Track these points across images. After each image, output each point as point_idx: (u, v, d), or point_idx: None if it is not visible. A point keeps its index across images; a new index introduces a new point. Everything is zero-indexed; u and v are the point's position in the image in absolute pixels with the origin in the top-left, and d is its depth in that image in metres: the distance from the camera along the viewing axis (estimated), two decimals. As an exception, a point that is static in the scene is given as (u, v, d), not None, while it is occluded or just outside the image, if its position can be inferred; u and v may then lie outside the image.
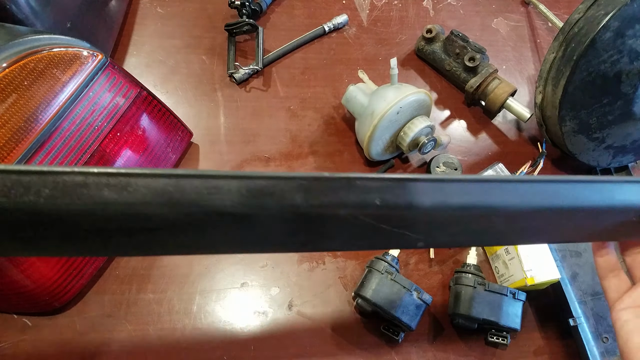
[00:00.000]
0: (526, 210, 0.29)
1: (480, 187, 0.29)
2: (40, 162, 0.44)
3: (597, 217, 0.32)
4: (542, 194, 0.30)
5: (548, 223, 0.31)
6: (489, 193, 0.29)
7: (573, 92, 0.54)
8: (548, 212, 0.30)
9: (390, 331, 0.53)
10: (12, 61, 0.40)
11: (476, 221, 0.29)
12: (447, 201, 0.28)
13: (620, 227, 0.32)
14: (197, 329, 0.53)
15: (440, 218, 0.28)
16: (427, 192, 0.27)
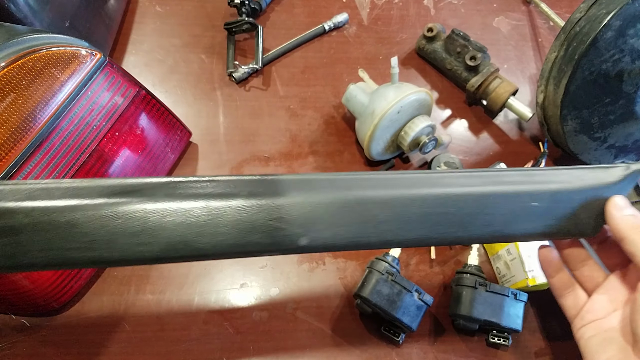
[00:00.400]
0: (401, 200, 0.30)
1: (347, 179, 0.30)
2: (39, 162, 0.43)
3: (487, 208, 0.31)
4: (419, 184, 0.30)
5: (430, 216, 0.31)
6: (359, 185, 0.30)
7: (575, 91, 0.54)
8: (429, 203, 0.31)
9: (391, 332, 0.52)
10: (10, 60, 0.40)
11: (351, 212, 0.30)
12: (315, 195, 0.29)
13: (523, 214, 0.32)
14: (196, 330, 0.53)
15: (313, 212, 0.29)
16: (294, 186, 0.29)
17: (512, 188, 0.32)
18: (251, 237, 0.29)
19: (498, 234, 0.32)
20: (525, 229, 0.33)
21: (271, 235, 0.29)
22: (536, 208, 0.32)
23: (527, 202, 0.32)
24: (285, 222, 0.29)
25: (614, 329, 0.33)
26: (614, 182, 0.33)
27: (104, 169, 0.50)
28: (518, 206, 0.32)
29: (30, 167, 0.43)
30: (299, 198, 0.29)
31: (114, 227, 0.28)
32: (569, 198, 0.33)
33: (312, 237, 0.30)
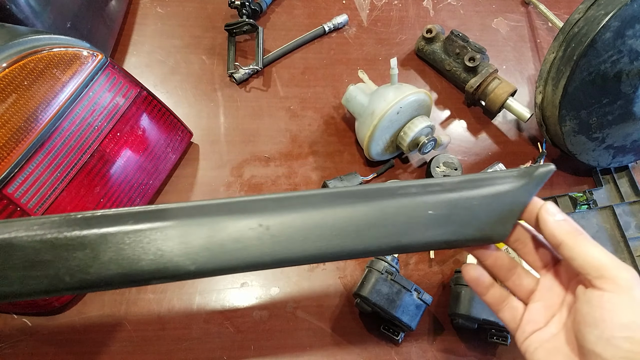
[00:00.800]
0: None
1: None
2: (41, 162, 0.44)
3: (382, 220, 0.32)
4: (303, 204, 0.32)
5: (312, 232, 0.32)
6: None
7: (573, 92, 0.54)
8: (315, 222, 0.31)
9: (390, 331, 0.53)
10: (12, 61, 0.40)
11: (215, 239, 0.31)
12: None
13: (421, 224, 0.32)
14: (197, 329, 0.53)
15: (194, 236, 0.30)
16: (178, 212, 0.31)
17: (407, 200, 0.32)
18: (133, 266, 0.30)
19: (395, 244, 0.32)
20: (425, 238, 0.32)
21: (156, 263, 0.30)
22: (434, 216, 0.32)
23: (423, 211, 0.32)
24: (169, 250, 0.30)
25: (556, 338, 0.32)
26: (517, 187, 0.33)
27: (105, 169, 0.50)
28: (414, 216, 0.32)
29: (32, 168, 0.43)
30: (181, 226, 0.30)
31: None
32: (468, 205, 0.33)
33: (198, 264, 0.30)
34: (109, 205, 0.52)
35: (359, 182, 0.61)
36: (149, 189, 0.57)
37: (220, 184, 0.62)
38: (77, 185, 0.48)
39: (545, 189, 0.65)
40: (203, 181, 0.62)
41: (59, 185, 0.46)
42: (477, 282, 0.36)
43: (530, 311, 0.34)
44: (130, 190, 0.54)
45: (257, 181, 0.62)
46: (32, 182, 0.43)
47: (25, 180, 0.43)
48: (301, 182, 0.63)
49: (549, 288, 0.34)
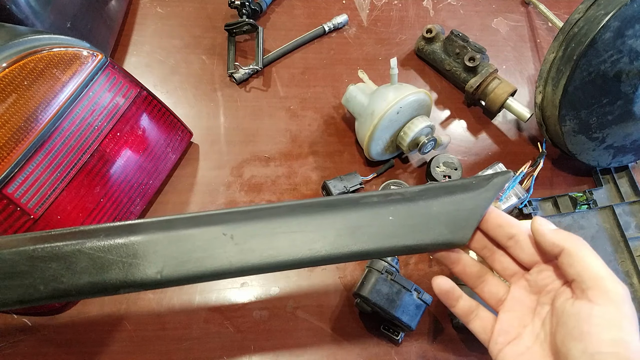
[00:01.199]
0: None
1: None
2: (41, 162, 0.44)
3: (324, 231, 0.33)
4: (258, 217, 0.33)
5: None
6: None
7: (573, 92, 0.54)
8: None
9: (390, 331, 0.53)
10: (12, 61, 0.40)
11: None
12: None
13: (388, 230, 0.33)
14: (197, 329, 0.53)
15: (165, 247, 0.32)
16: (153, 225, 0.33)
17: (370, 209, 0.34)
18: (104, 275, 0.31)
19: (361, 251, 0.33)
20: (388, 244, 0.34)
21: (126, 271, 0.32)
22: (395, 223, 0.34)
23: (385, 219, 0.34)
24: (141, 259, 0.32)
25: (531, 351, 0.31)
26: (473, 195, 0.34)
27: (105, 169, 0.50)
28: (377, 224, 0.33)
29: (32, 168, 0.43)
30: (154, 237, 0.32)
31: None
32: (427, 212, 0.34)
33: (165, 272, 0.32)
34: (109, 205, 0.52)
35: (359, 182, 0.61)
36: (149, 189, 0.57)
37: (220, 184, 0.62)
38: (77, 185, 0.48)
39: (546, 189, 0.65)
40: (203, 181, 0.62)
41: (59, 185, 0.46)
42: (446, 294, 0.36)
43: (501, 321, 0.34)
44: (130, 190, 0.54)
45: (257, 181, 0.62)
46: (32, 182, 0.43)
47: (25, 180, 0.43)
48: (301, 182, 0.63)
49: (519, 298, 0.34)
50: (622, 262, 0.58)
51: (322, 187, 0.61)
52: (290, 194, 0.62)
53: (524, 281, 0.34)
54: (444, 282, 0.36)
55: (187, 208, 0.60)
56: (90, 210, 0.50)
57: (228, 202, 0.61)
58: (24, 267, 0.31)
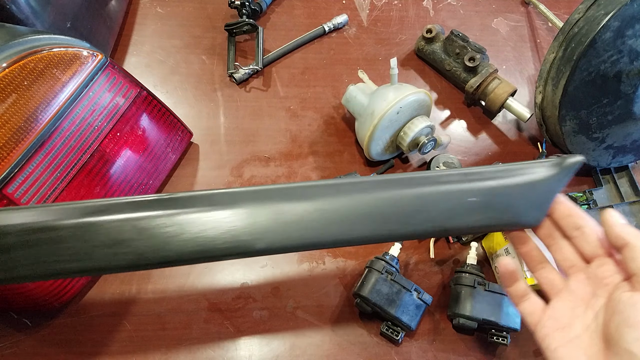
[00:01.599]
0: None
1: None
2: (41, 162, 0.44)
3: (426, 206, 0.35)
4: (362, 189, 0.35)
5: (372, 216, 0.34)
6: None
7: (573, 92, 0.54)
8: (370, 205, 0.34)
9: (390, 331, 0.53)
10: (12, 61, 0.40)
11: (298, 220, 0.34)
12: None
13: (463, 209, 0.35)
14: (197, 330, 0.53)
15: (264, 218, 0.33)
16: (244, 196, 0.34)
17: (449, 187, 0.35)
18: (212, 244, 0.33)
19: (440, 228, 0.35)
20: (467, 222, 0.35)
21: (229, 242, 0.33)
22: (474, 203, 0.35)
23: (464, 198, 0.35)
24: (241, 231, 0.33)
25: (579, 339, 0.33)
26: (550, 175, 0.35)
27: (105, 169, 0.50)
28: (456, 202, 0.35)
29: (32, 168, 0.43)
30: (250, 209, 0.33)
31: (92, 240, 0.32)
32: (506, 192, 0.35)
33: (267, 242, 0.33)
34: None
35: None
36: (149, 189, 0.57)
37: (220, 184, 0.62)
38: (77, 185, 0.48)
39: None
40: (203, 181, 0.62)
41: (59, 185, 0.46)
42: (507, 274, 0.38)
43: (553, 308, 0.35)
44: (130, 190, 0.54)
45: (257, 181, 0.62)
46: (32, 182, 0.43)
47: (25, 180, 0.43)
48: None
49: (576, 289, 0.35)
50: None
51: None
52: (290, 194, 0.62)
53: (582, 274, 0.35)
54: (510, 263, 0.38)
55: (187, 208, 0.60)
56: (90, 210, 0.50)
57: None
58: (130, 235, 0.32)
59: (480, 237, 0.61)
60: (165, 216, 0.33)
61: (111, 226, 0.32)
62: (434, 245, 0.59)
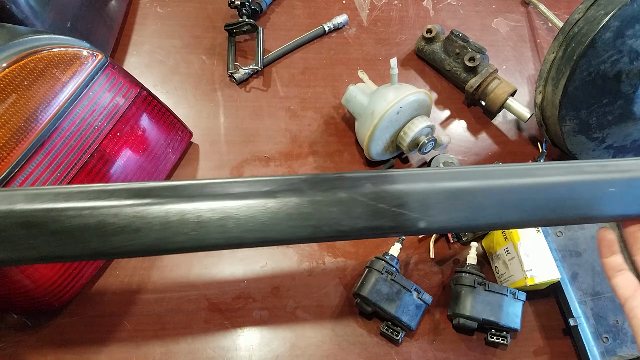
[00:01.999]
0: (504, 188, 0.35)
1: (455, 171, 0.36)
2: (41, 162, 0.44)
3: (572, 194, 0.36)
4: (517, 175, 0.36)
5: (526, 202, 0.36)
6: (467, 175, 0.36)
7: (573, 92, 0.54)
8: (526, 190, 0.36)
9: (390, 331, 0.53)
10: (12, 61, 0.40)
11: (460, 199, 0.35)
12: (431, 183, 0.35)
13: (604, 199, 0.36)
14: (197, 329, 0.53)
15: (429, 197, 0.34)
16: (408, 177, 0.35)
17: (591, 177, 0.36)
18: (378, 221, 0.34)
19: (583, 216, 0.36)
20: (607, 211, 0.36)
21: (395, 219, 0.34)
22: (613, 193, 0.36)
23: (605, 188, 0.36)
24: (407, 208, 0.34)
25: None
26: None
27: (106, 169, 0.50)
28: (598, 192, 0.36)
29: (32, 168, 0.43)
30: (416, 187, 0.35)
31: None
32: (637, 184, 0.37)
33: (429, 222, 0.34)
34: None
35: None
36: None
37: (220, 184, 0.62)
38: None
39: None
40: (203, 181, 0.62)
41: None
42: (606, 243, 0.40)
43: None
44: (130, 190, 0.54)
45: (257, 181, 0.62)
46: (33, 182, 0.43)
47: (25, 180, 0.43)
48: (301, 182, 0.63)
49: None
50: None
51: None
52: (290, 194, 0.62)
53: None
54: (611, 233, 0.40)
55: (187, 208, 0.60)
56: (90, 210, 0.50)
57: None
58: (308, 210, 0.33)
59: (480, 237, 0.61)
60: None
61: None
62: (434, 245, 0.59)
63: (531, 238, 0.54)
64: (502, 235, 0.56)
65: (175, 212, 0.32)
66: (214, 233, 0.32)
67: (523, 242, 0.54)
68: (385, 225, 0.34)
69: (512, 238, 0.54)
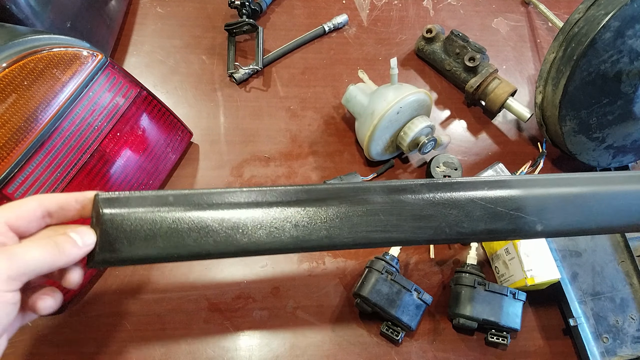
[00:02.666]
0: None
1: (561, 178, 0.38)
2: (41, 162, 0.44)
3: None
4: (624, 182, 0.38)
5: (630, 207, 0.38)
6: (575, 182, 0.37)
7: (573, 92, 0.54)
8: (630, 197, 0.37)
9: (390, 331, 0.53)
10: (12, 61, 0.40)
11: (574, 204, 0.37)
12: (546, 189, 0.37)
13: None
14: (197, 329, 0.53)
15: (545, 202, 0.36)
16: (522, 182, 0.36)
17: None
18: (497, 224, 0.36)
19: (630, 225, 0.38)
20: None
21: (514, 222, 0.35)
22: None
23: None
24: (524, 212, 0.36)
25: None
26: None
27: (106, 169, 0.50)
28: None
29: (32, 168, 0.43)
30: (532, 192, 0.36)
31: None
32: None
33: (545, 225, 0.36)
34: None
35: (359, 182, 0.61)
36: (149, 189, 0.57)
37: (220, 184, 0.62)
38: (77, 186, 0.48)
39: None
40: (203, 181, 0.62)
41: (59, 186, 0.46)
42: None
43: None
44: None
45: (257, 181, 0.62)
46: (32, 182, 0.43)
47: (25, 180, 0.43)
48: (301, 182, 0.63)
49: None
50: (622, 262, 0.58)
51: (322, 187, 0.61)
52: (290, 194, 0.62)
53: None
54: None
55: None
56: (90, 210, 0.50)
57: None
58: (430, 212, 0.35)
59: (480, 237, 0.61)
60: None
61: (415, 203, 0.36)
62: (434, 245, 0.59)
63: (531, 238, 0.54)
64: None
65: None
66: (345, 234, 0.35)
67: (523, 242, 0.54)
68: (504, 228, 0.35)
69: (512, 238, 0.54)
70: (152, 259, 0.33)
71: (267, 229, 0.34)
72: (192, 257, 0.34)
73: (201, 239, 0.33)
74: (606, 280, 0.57)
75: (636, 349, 0.53)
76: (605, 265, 0.57)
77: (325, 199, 0.35)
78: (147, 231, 0.33)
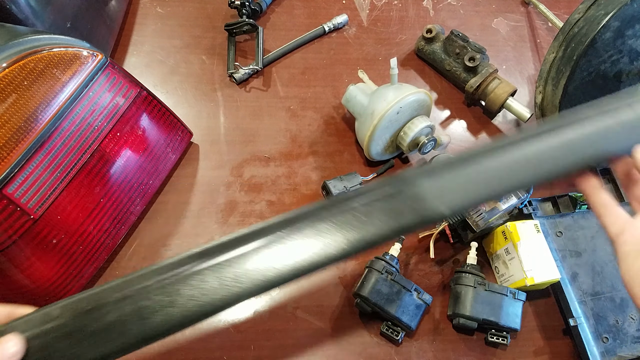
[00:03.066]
0: None
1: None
2: (41, 162, 0.44)
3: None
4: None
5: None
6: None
7: (573, 92, 0.54)
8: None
9: (390, 331, 0.53)
10: (12, 61, 0.40)
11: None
12: None
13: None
14: (197, 330, 0.53)
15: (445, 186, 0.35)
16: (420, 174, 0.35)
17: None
18: (402, 219, 0.34)
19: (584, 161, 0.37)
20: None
21: (417, 212, 0.34)
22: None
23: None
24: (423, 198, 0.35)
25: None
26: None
27: (105, 169, 0.50)
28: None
29: (32, 168, 0.43)
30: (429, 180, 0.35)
31: None
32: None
33: (448, 205, 0.34)
34: (109, 205, 0.52)
35: (359, 182, 0.60)
36: (149, 189, 0.57)
37: (220, 184, 0.62)
38: (77, 185, 0.48)
39: (545, 188, 0.64)
40: (203, 181, 0.62)
41: (59, 185, 0.46)
42: (593, 184, 0.38)
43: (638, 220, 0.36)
44: (130, 190, 0.54)
45: (257, 181, 0.62)
46: (32, 182, 0.43)
47: (25, 180, 0.43)
48: (301, 182, 0.63)
49: None
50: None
51: (322, 187, 0.61)
52: (289, 194, 0.62)
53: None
54: (595, 179, 0.39)
55: (187, 208, 0.60)
56: (90, 210, 0.50)
57: (228, 202, 0.61)
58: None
59: (481, 237, 0.61)
60: None
61: None
62: (434, 245, 0.59)
63: (531, 238, 0.54)
64: (502, 235, 0.56)
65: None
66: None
67: (523, 242, 0.54)
68: (410, 222, 0.34)
69: (512, 238, 0.54)
70: None
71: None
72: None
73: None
74: (606, 280, 0.57)
75: (636, 349, 0.54)
76: (605, 265, 0.57)
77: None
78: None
